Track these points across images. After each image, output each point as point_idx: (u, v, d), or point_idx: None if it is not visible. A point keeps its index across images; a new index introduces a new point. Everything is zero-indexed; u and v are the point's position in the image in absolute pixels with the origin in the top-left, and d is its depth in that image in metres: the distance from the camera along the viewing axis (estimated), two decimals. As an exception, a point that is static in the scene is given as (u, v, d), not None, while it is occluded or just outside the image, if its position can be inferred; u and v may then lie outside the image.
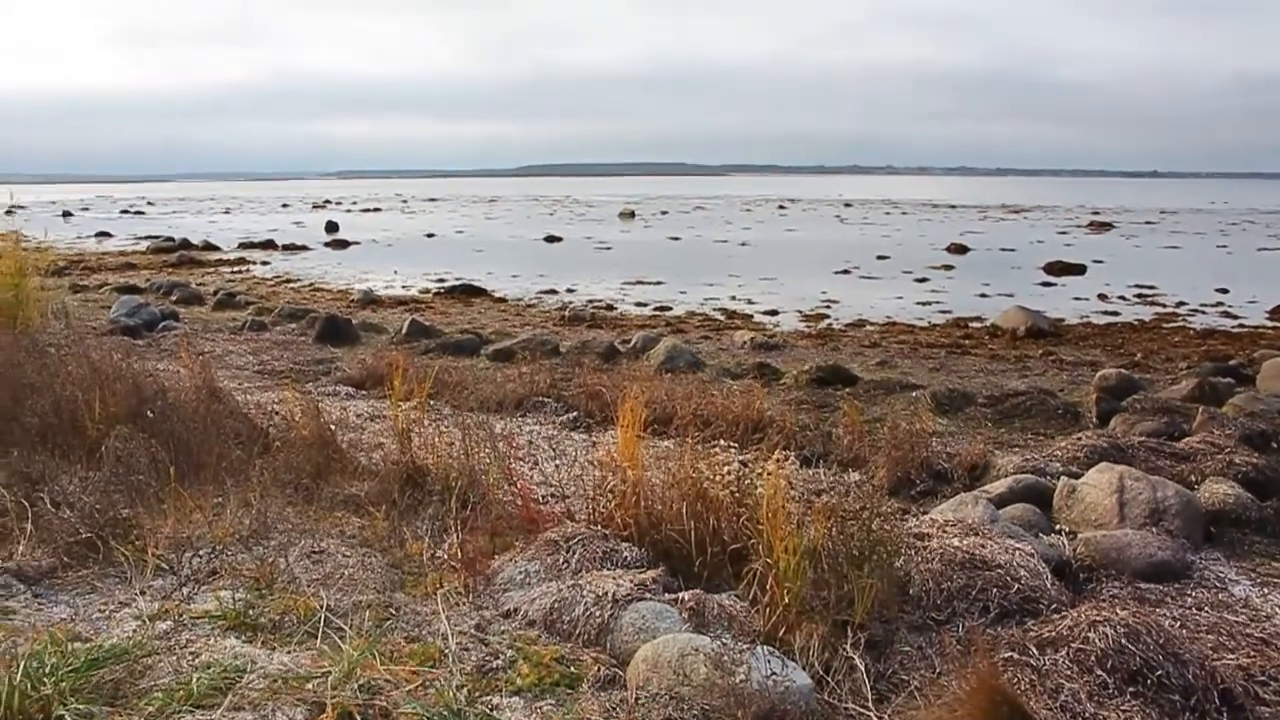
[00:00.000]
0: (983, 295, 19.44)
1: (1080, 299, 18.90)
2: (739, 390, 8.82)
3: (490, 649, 3.82)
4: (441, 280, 21.87)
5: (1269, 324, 16.01)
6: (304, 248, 32.17)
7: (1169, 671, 3.47)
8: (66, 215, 55.07)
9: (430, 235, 39.48)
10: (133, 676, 3.48)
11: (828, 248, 31.27)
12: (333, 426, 6.65)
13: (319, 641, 3.79)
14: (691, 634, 3.76)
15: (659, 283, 21.57)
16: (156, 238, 35.04)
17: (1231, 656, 3.95)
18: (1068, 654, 3.58)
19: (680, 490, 4.77)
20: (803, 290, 19.96)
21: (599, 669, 3.65)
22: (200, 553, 4.74)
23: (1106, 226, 43.02)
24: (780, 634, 3.87)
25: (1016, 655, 3.66)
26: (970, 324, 15.72)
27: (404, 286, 21.23)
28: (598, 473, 5.34)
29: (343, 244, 34.17)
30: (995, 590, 4.33)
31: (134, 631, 3.88)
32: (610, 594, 4.10)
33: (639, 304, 18.37)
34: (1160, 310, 17.47)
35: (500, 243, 35.16)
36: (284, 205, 71.93)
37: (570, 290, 20.32)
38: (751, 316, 16.82)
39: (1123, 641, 3.55)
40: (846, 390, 9.91)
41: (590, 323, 15.75)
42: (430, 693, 3.39)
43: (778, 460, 4.52)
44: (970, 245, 31.22)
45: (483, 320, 16.09)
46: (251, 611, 4.09)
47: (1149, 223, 46.70)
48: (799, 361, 11.62)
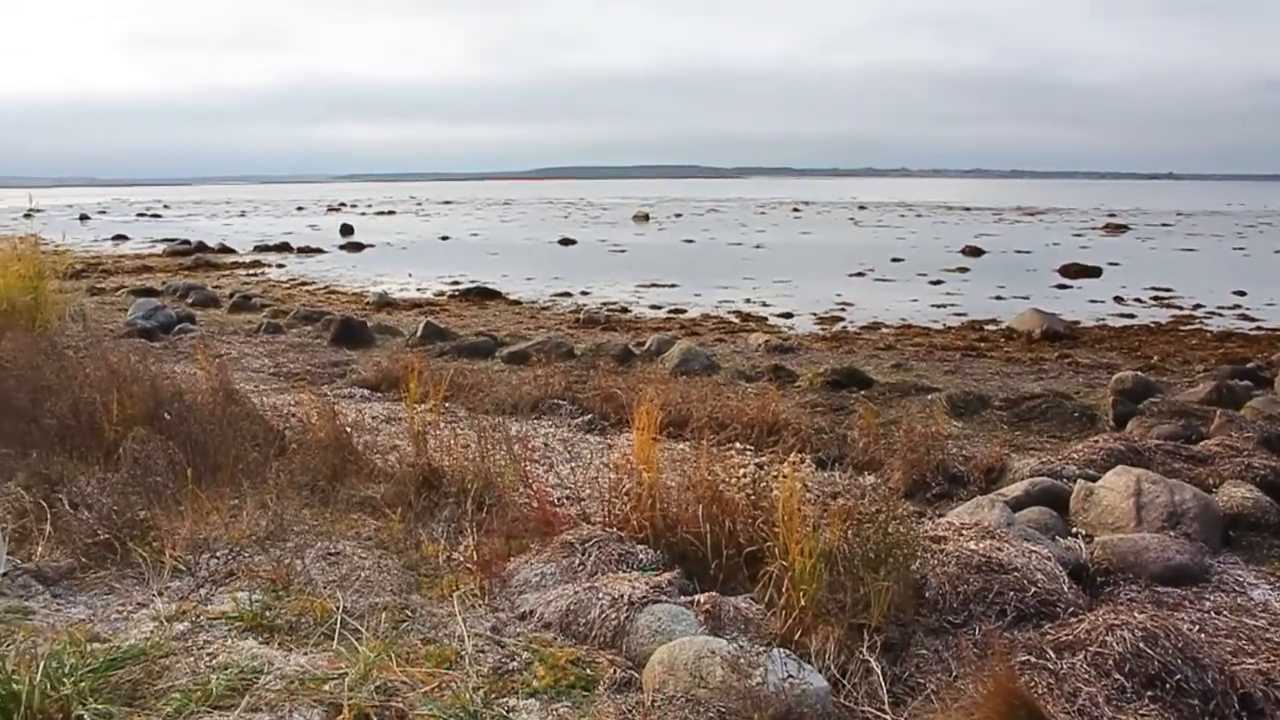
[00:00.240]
0: (998, 298, 19.37)
1: (1096, 301, 18.82)
2: (754, 393, 8.82)
3: (506, 651, 3.83)
4: (456, 283, 21.90)
5: (1287, 326, 15.92)
6: (319, 250, 32.26)
7: (1188, 676, 3.45)
8: (83, 218, 55.34)
9: (445, 238, 39.55)
10: (150, 677, 3.50)
11: (842, 250, 31.21)
12: (348, 429, 6.67)
13: (335, 643, 3.80)
14: (707, 636, 3.76)
15: (673, 285, 21.56)
16: (173, 241, 35.21)
17: (1251, 661, 3.91)
18: (1085, 658, 3.57)
19: (696, 493, 4.77)
20: (817, 293, 19.92)
21: (615, 671, 3.66)
22: (217, 554, 4.76)
23: (1122, 229, 42.83)
24: (796, 636, 3.86)
25: (1034, 659, 3.65)
26: (985, 327, 15.67)
27: (419, 289, 21.27)
28: (613, 475, 5.34)
29: (357, 247, 34.25)
30: (1012, 593, 4.31)
31: (152, 632, 3.90)
32: (626, 596, 4.10)
33: (653, 306, 18.36)
34: (1177, 313, 17.39)
35: (515, 245, 35.21)
36: (299, 208, 72.17)
37: (585, 293, 20.32)
38: (766, 319, 16.79)
39: (1141, 645, 3.53)
40: (862, 393, 9.89)
41: (605, 325, 15.75)
42: (446, 694, 3.40)
43: (793, 463, 4.51)
44: (985, 248, 31.13)
45: (497, 323, 16.10)
46: (268, 613, 4.11)
47: (1165, 225, 46.48)
48: (814, 364, 11.60)
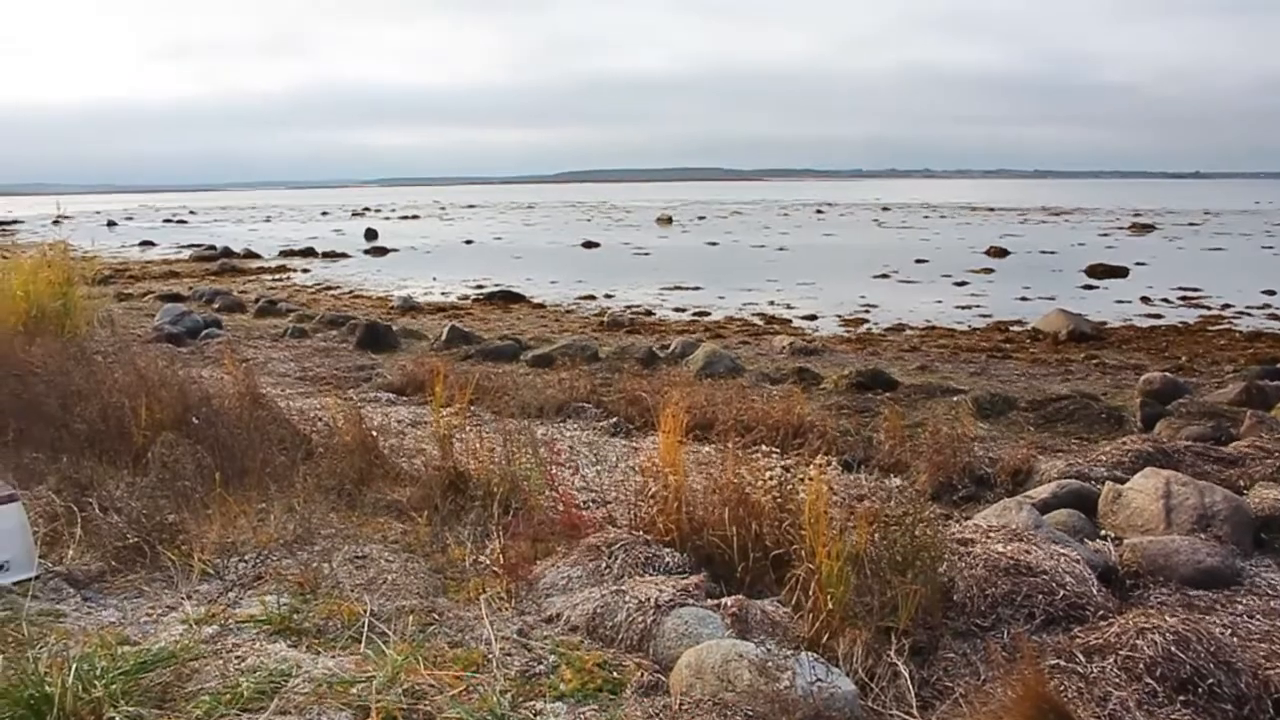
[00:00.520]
0: (1023, 298, 19.28)
1: (1123, 302, 18.71)
2: (779, 395, 8.80)
3: (533, 654, 3.83)
4: (480, 286, 21.97)
5: (1317, 326, 15.77)
6: (344, 255, 32.45)
7: (1220, 680, 3.42)
8: (111, 225, 55.81)
9: (469, 242, 39.70)
10: (180, 680, 3.51)
11: (866, 252, 31.13)
12: (374, 432, 6.69)
13: (363, 646, 3.81)
14: (735, 640, 3.74)
15: (697, 288, 21.56)
16: (199, 246, 35.48)
17: (1285, 665, 3.88)
18: (1116, 661, 3.54)
19: (722, 495, 4.76)
20: (841, 295, 19.88)
21: (642, 675, 3.65)
22: (245, 558, 4.78)
23: (1148, 228, 42.54)
24: (824, 640, 3.85)
25: (1063, 662, 3.62)
26: (1011, 328, 15.60)
27: (443, 293, 21.35)
28: (639, 478, 5.34)
29: (382, 251, 34.42)
30: (1040, 596, 4.28)
31: (181, 635, 3.92)
32: (653, 599, 4.09)
33: (677, 309, 18.36)
34: (1205, 313, 17.25)
35: (538, 249, 35.30)
36: (324, 213, 72.58)
37: (609, 296, 20.36)
38: (790, 321, 16.77)
39: (1172, 649, 3.50)
40: (887, 395, 9.86)
41: (629, 328, 15.76)
42: (474, 698, 3.40)
43: (819, 465, 4.50)
44: (1010, 248, 31.00)
45: (522, 326, 16.14)
46: (296, 616, 4.12)
47: (1192, 224, 46.12)
48: (838, 366, 11.58)
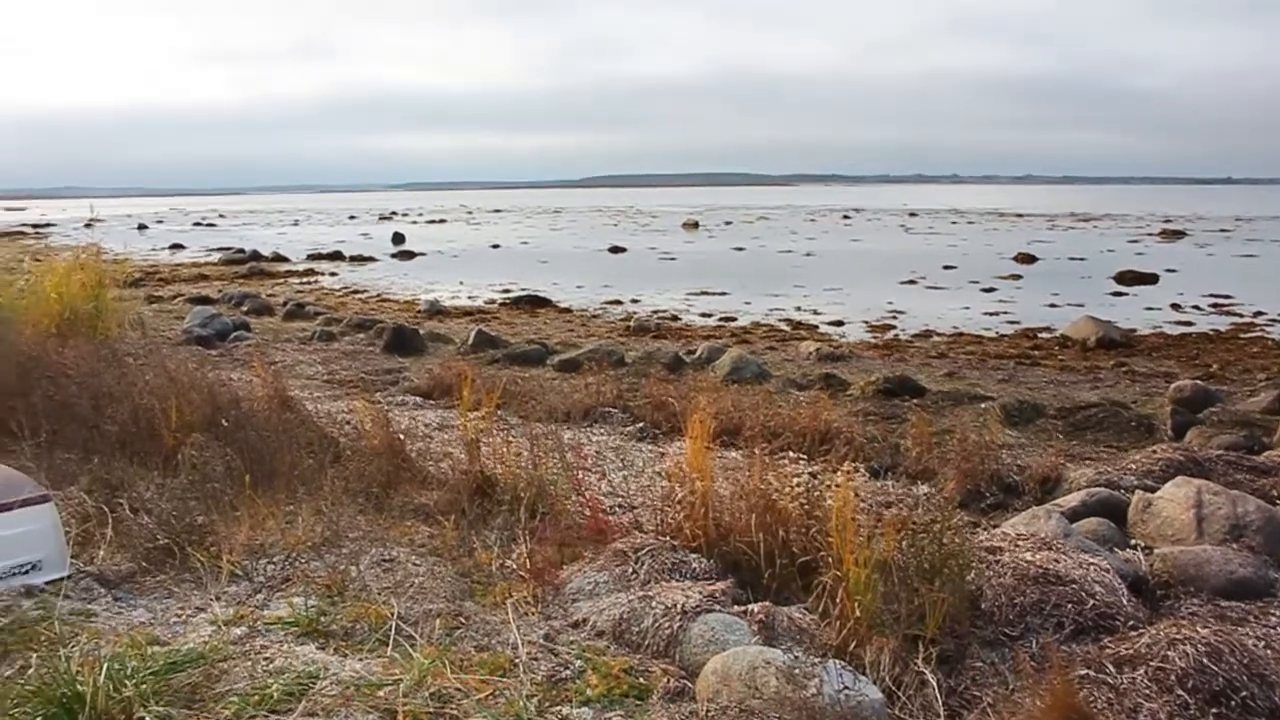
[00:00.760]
0: (1052, 305, 19.17)
1: (1153, 309, 18.57)
2: (806, 401, 8.78)
3: (559, 659, 3.83)
4: (507, 291, 22.03)
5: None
6: (371, 259, 32.62)
7: (1254, 693, 3.38)
8: (141, 228, 56.30)
9: (495, 246, 39.82)
10: (209, 681, 3.53)
11: (893, 258, 31.04)
12: (401, 436, 6.72)
13: (390, 649, 3.82)
14: (761, 646, 3.73)
15: (723, 293, 21.55)
16: (228, 249, 35.74)
17: (1320, 679, 3.83)
18: (1146, 673, 3.50)
19: (749, 501, 4.75)
20: (868, 301, 19.82)
21: (668, 681, 3.64)
22: (274, 560, 4.81)
23: (1179, 234, 42.20)
24: (851, 648, 3.83)
25: (1093, 673, 3.59)
26: (1039, 334, 15.52)
27: (470, 297, 21.42)
28: (666, 483, 5.34)
29: (409, 255, 34.58)
30: (1070, 606, 4.24)
31: (210, 636, 3.94)
32: (679, 605, 4.09)
33: (704, 315, 18.36)
34: (1237, 320, 17.09)
35: (565, 254, 35.36)
36: (351, 217, 72.94)
37: (635, 301, 20.37)
38: (817, 327, 16.73)
39: (1204, 661, 3.46)
40: (914, 401, 9.83)
41: (655, 333, 15.77)
42: (500, 702, 3.41)
43: (846, 472, 4.49)
44: (1038, 254, 30.83)
45: (548, 330, 16.17)
46: (324, 618, 4.14)
47: (1223, 230, 45.70)
48: (866, 372, 11.54)
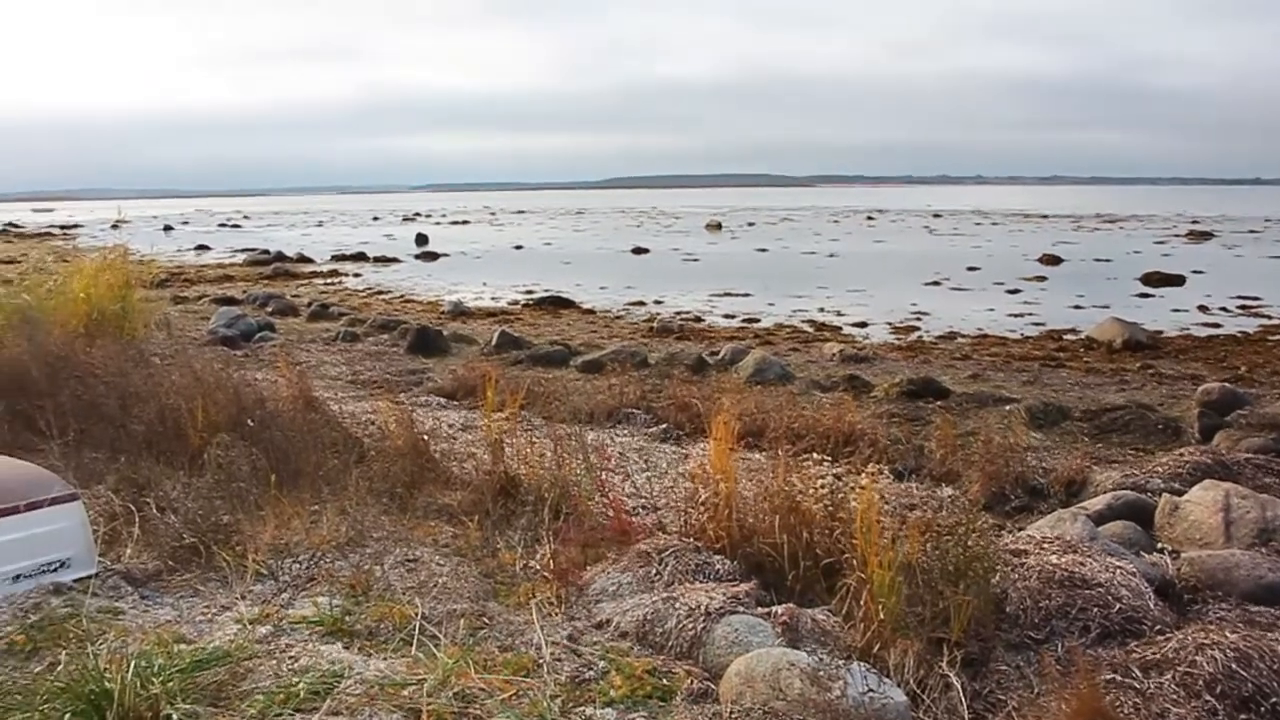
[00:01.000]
0: (1077, 307, 19.05)
1: (1179, 311, 18.42)
2: (829, 403, 8.75)
3: (583, 660, 3.83)
4: (530, 292, 22.06)
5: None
6: (395, 260, 32.74)
7: (1284, 699, 3.35)
8: (167, 229, 56.70)
9: (518, 247, 39.89)
10: (235, 679, 3.56)
11: (917, 259, 30.92)
12: (426, 436, 6.73)
13: (414, 649, 3.84)
14: (785, 648, 3.73)
15: (747, 294, 21.52)
16: (252, 250, 35.96)
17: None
18: (1174, 678, 3.47)
19: (773, 503, 4.75)
20: (892, 302, 19.75)
21: (691, 682, 3.64)
22: (299, 559, 4.84)
23: (1206, 236, 41.81)
24: (875, 650, 3.82)
25: (1119, 677, 3.57)
26: (1065, 336, 15.42)
27: (493, 298, 21.47)
28: (689, 484, 5.33)
29: (432, 256, 34.69)
30: (1096, 609, 4.21)
31: (235, 635, 3.97)
32: (703, 607, 4.09)
33: (727, 316, 18.34)
34: (1266, 322, 16.92)
35: (588, 255, 35.38)
36: (375, 218, 73.23)
37: (658, 302, 20.36)
38: (840, 328, 16.68)
39: (1233, 666, 3.43)
40: (938, 403, 9.78)
41: (678, 334, 15.76)
42: (524, 703, 3.41)
43: (870, 474, 4.47)
44: (1063, 256, 30.64)
45: (571, 332, 16.18)
46: (348, 618, 4.16)
47: (1252, 231, 45.25)
48: (889, 374, 11.50)
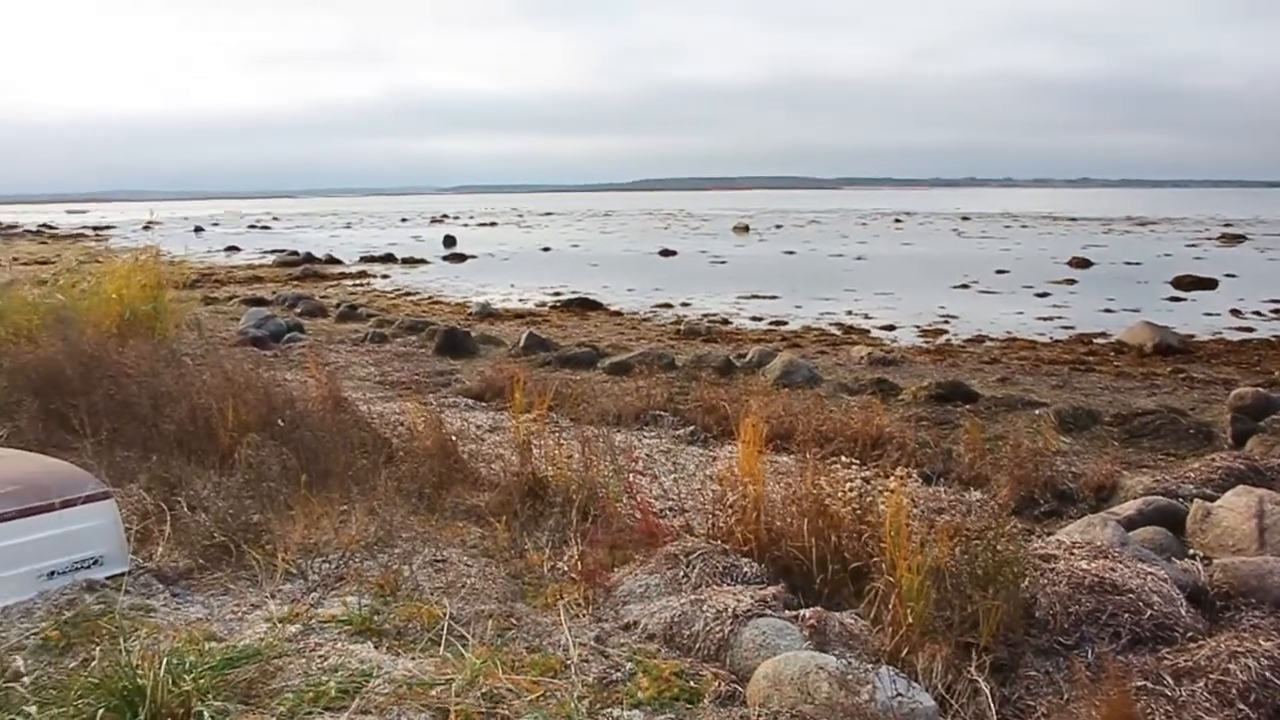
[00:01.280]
0: (1107, 310, 18.92)
1: (1211, 314, 18.26)
2: (857, 406, 8.73)
3: (610, 661, 3.84)
4: (558, 294, 22.11)
5: None
6: (423, 261, 32.89)
7: (1318, 708, 3.32)
8: (198, 230, 57.15)
9: (546, 249, 39.98)
10: (264, 677, 3.59)
11: (945, 262, 30.78)
12: (454, 437, 6.76)
13: (442, 649, 3.85)
14: (813, 652, 3.72)
15: (774, 297, 21.49)
16: (282, 251, 36.23)
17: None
18: (1206, 685, 3.44)
19: (800, 506, 4.74)
20: (920, 305, 19.67)
21: (719, 685, 3.64)
22: (328, 559, 4.87)
23: (1239, 239, 41.42)
24: (903, 654, 3.80)
25: (1150, 684, 3.54)
26: (1094, 340, 15.31)
27: (521, 300, 21.52)
28: (716, 487, 5.33)
29: (460, 258, 34.81)
30: (1126, 615, 4.18)
31: (265, 633, 4.00)
32: (730, 609, 4.08)
33: (754, 318, 18.32)
34: (1300, 326, 16.77)
35: (615, 257, 35.42)
36: (403, 220, 73.60)
37: (685, 304, 20.36)
38: (868, 331, 16.63)
39: (1267, 675, 3.40)
40: (966, 407, 9.73)
41: (706, 337, 15.75)
42: (552, 703, 3.42)
43: (899, 478, 4.46)
44: (1093, 259, 30.44)
45: (599, 333, 16.20)
46: (377, 617, 4.18)
47: (1286, 234, 44.86)
48: (917, 377, 11.45)
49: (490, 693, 3.43)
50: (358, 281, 26.01)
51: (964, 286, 23.49)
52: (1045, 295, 21.66)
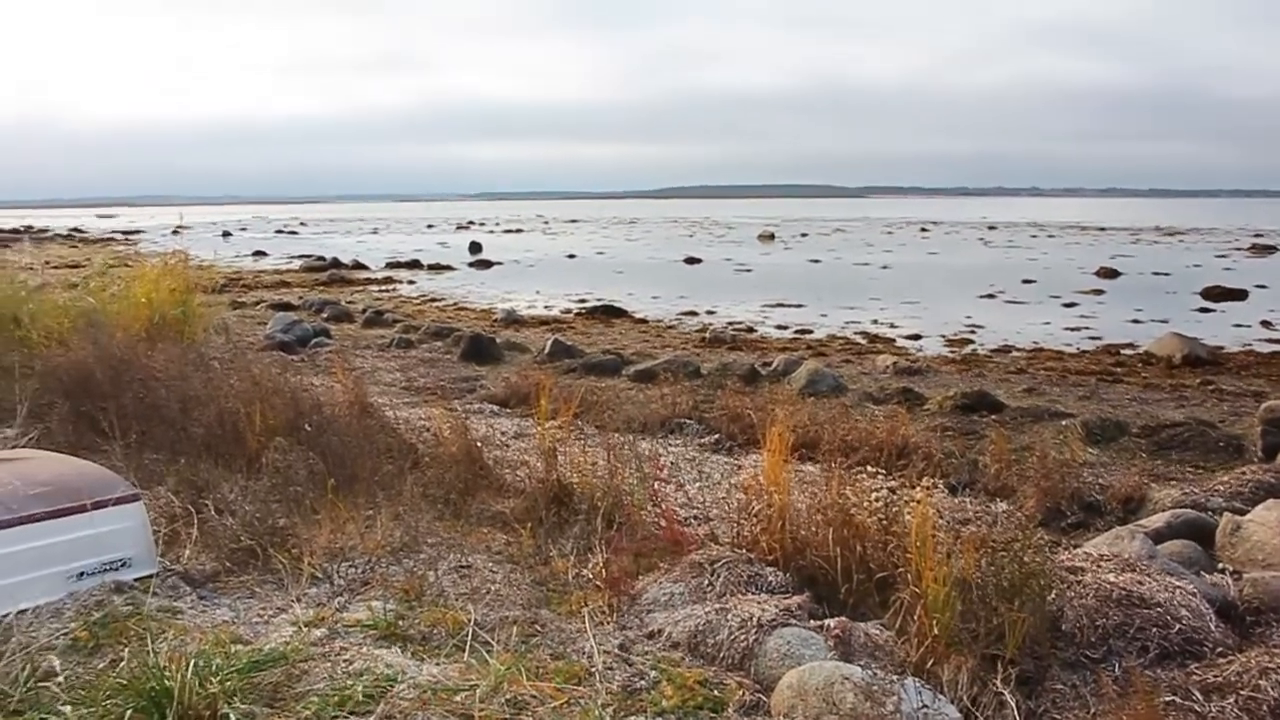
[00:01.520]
0: (1135, 321, 18.79)
1: (1241, 326, 18.10)
2: (882, 415, 8.70)
3: (634, 669, 3.84)
4: (583, 301, 22.14)
5: None
6: (448, 267, 33.01)
7: (1350, 726, 3.28)
8: (226, 235, 57.58)
9: (571, 256, 40.05)
10: (290, 680, 3.61)
11: (971, 271, 30.66)
12: (479, 443, 6.77)
13: (467, 655, 3.86)
14: (838, 662, 3.71)
15: (799, 305, 21.46)
16: (309, 257, 36.45)
17: None
18: (1236, 702, 3.41)
19: (826, 516, 4.72)
20: (946, 315, 19.60)
21: (743, 694, 3.63)
22: (354, 563, 4.89)
23: (1270, 249, 41.03)
24: (928, 666, 3.79)
25: (1179, 699, 3.51)
26: (1122, 351, 15.21)
27: (546, 306, 21.56)
28: (741, 496, 5.32)
29: (486, 264, 34.92)
30: (1154, 630, 4.14)
31: (291, 637, 4.02)
32: (755, 618, 4.07)
33: (779, 327, 18.30)
34: (1332, 339, 16.61)
35: (640, 264, 35.45)
36: (429, 226, 73.92)
37: (710, 312, 20.36)
38: (894, 341, 16.58)
39: (1297, 691, 3.37)
40: (992, 417, 9.68)
41: (731, 345, 15.74)
42: (576, 710, 3.42)
43: (925, 488, 4.44)
44: (1121, 269, 30.23)
45: (624, 341, 16.21)
46: (402, 622, 4.20)
47: (1319, 245, 44.44)
48: (943, 387, 11.40)
49: (514, 699, 3.44)
50: (384, 287, 26.13)
51: (990, 296, 23.38)
52: (1072, 305, 21.54)
